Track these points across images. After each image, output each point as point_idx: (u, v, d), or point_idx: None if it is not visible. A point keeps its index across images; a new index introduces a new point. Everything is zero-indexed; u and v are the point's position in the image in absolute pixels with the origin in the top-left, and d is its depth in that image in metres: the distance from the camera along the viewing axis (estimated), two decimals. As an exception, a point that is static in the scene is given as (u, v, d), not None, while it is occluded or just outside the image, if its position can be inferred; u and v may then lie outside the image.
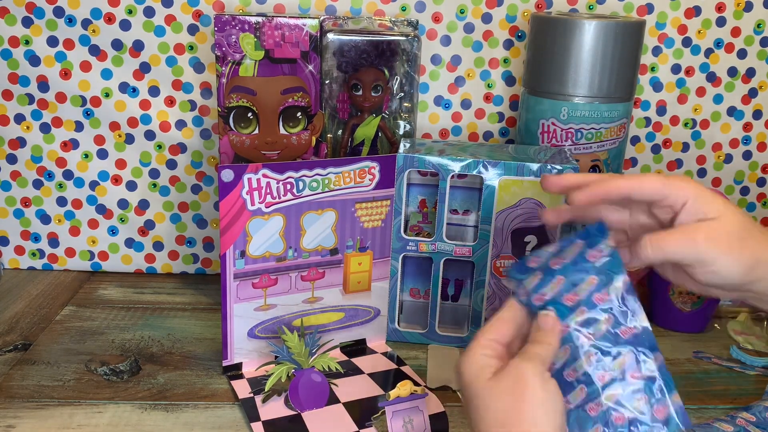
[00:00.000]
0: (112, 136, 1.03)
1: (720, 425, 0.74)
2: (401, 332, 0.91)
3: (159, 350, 0.87)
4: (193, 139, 1.03)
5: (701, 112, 1.08)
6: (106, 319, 0.94)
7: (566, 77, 0.90)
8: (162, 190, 1.05)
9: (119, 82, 1.01)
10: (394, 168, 0.84)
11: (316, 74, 0.91)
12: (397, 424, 0.70)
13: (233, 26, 0.87)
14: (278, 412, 0.74)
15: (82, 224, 1.06)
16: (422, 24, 1.01)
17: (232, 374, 0.81)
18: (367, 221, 0.84)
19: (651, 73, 1.06)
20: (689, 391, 0.82)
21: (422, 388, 0.71)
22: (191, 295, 1.03)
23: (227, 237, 0.78)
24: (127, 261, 1.08)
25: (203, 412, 0.75)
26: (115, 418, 0.73)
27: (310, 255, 0.83)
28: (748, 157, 1.11)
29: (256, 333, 0.82)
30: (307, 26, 0.89)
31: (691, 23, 1.04)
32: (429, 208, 0.95)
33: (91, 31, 0.99)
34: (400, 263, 0.88)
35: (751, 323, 0.98)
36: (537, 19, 0.93)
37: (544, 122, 0.93)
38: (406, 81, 0.93)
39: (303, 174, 0.79)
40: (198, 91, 1.02)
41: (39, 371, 0.81)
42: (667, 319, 0.97)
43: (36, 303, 0.98)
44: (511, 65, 1.05)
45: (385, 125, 0.94)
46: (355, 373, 0.82)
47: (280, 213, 0.79)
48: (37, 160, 1.03)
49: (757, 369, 0.88)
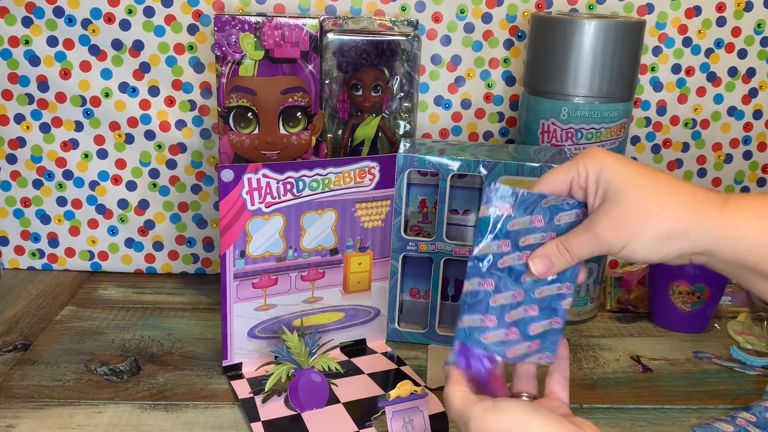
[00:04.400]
0: (112, 136, 1.03)
1: (720, 425, 0.74)
2: (401, 332, 0.91)
3: (159, 350, 0.87)
4: (193, 139, 1.03)
5: (701, 112, 1.08)
6: (106, 319, 0.94)
7: (566, 77, 0.90)
8: (162, 190, 1.05)
9: (119, 82, 1.01)
10: (394, 168, 0.84)
11: (316, 74, 0.91)
12: (397, 424, 0.70)
13: (233, 26, 0.87)
14: (278, 412, 0.74)
15: (82, 224, 1.06)
16: (422, 24, 1.01)
17: (232, 374, 0.81)
18: (367, 221, 0.84)
19: (651, 73, 1.06)
20: (689, 391, 0.82)
21: (422, 388, 0.71)
22: (191, 295, 1.03)
23: (227, 237, 0.77)
24: (127, 261, 1.08)
25: (203, 412, 0.75)
26: (115, 418, 0.73)
27: (310, 255, 0.83)
28: (748, 157, 1.11)
29: (256, 333, 0.82)
30: (307, 26, 0.89)
31: (692, 23, 1.04)
32: (429, 208, 0.95)
33: (91, 31, 0.99)
34: (400, 263, 0.88)
35: (751, 323, 0.98)
36: (537, 19, 0.93)
37: (544, 122, 0.92)
38: (406, 81, 0.93)
39: (303, 174, 0.79)
40: (198, 91, 1.02)
41: (39, 371, 0.81)
42: (667, 319, 0.97)
43: (36, 303, 0.98)
44: (511, 65, 1.04)
45: (385, 125, 0.94)
46: (355, 373, 0.82)
47: (280, 213, 0.79)
48: (37, 160, 1.03)
49: (757, 369, 0.88)
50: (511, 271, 0.58)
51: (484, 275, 0.58)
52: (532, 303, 0.58)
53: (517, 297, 0.58)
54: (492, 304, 0.58)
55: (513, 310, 0.58)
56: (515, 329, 0.58)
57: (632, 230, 0.53)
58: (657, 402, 0.80)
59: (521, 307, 0.58)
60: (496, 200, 0.58)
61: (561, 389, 0.59)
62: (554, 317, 0.58)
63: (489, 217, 0.58)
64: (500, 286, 0.58)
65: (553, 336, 0.58)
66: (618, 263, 1.13)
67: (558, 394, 0.58)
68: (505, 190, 0.57)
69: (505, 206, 0.58)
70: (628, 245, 0.54)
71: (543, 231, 0.58)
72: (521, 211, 0.57)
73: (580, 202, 0.57)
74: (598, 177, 0.55)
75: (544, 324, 0.58)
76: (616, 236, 0.54)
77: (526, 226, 0.58)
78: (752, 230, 0.52)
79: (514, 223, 0.58)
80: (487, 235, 0.58)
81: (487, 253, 0.58)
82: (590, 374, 0.85)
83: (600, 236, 0.54)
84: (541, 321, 0.58)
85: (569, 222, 0.57)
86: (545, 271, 0.57)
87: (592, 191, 0.56)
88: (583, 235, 0.55)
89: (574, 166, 0.56)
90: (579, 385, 0.83)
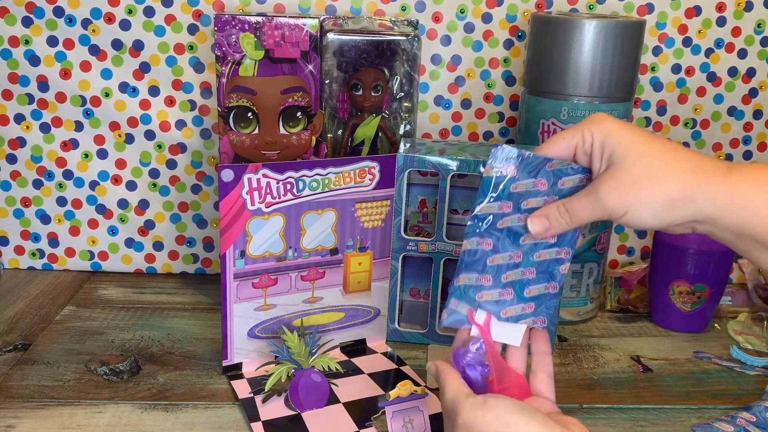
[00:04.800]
0: (112, 136, 1.03)
1: (720, 425, 0.74)
2: (401, 332, 0.91)
3: (159, 350, 0.87)
4: (193, 139, 1.03)
5: (701, 112, 1.08)
6: (106, 319, 0.94)
7: (566, 77, 0.90)
8: (162, 190, 1.05)
9: (119, 82, 1.01)
10: (394, 168, 0.84)
11: (316, 74, 0.91)
12: (397, 424, 0.70)
13: (233, 26, 0.87)
14: (278, 412, 0.74)
15: (82, 224, 1.06)
16: (422, 24, 1.01)
17: (232, 374, 0.81)
18: (367, 221, 0.84)
19: (651, 73, 1.06)
20: (689, 391, 0.82)
21: (422, 388, 0.71)
22: (191, 295, 1.03)
23: (227, 237, 0.77)
24: (127, 261, 1.08)
25: (203, 412, 0.75)
26: (115, 418, 0.73)
27: (310, 255, 0.83)
28: (748, 157, 1.11)
29: (256, 333, 0.82)
30: (307, 26, 0.89)
31: (692, 23, 1.04)
32: (429, 208, 0.95)
33: (91, 31, 0.99)
34: (400, 263, 0.88)
35: (751, 323, 0.98)
36: (537, 19, 0.93)
37: (544, 122, 0.92)
38: (406, 81, 0.93)
39: (303, 174, 0.79)
40: (198, 91, 1.02)
41: (39, 371, 0.81)
42: (667, 319, 0.97)
43: (36, 303, 0.98)
44: (511, 65, 1.04)
45: (385, 125, 0.94)
46: (355, 373, 0.82)
47: (280, 213, 0.79)
48: (37, 160, 1.03)
49: (757, 369, 0.88)
50: (510, 232, 0.58)
51: (483, 235, 0.58)
52: (530, 266, 0.58)
53: (515, 258, 0.58)
54: (489, 263, 0.58)
55: (510, 270, 0.58)
56: (510, 290, 0.58)
57: (635, 194, 0.53)
58: (657, 402, 0.80)
59: (519, 269, 0.58)
60: (501, 161, 0.57)
61: (546, 388, 0.58)
62: (551, 281, 0.58)
63: (492, 177, 0.58)
64: (498, 247, 0.58)
65: (549, 301, 0.58)
66: (618, 263, 1.13)
67: (544, 392, 0.58)
68: (510, 151, 0.57)
69: (509, 167, 0.57)
70: (630, 210, 0.53)
71: (546, 195, 0.58)
72: (525, 173, 0.57)
73: (584, 168, 0.57)
74: (604, 142, 0.55)
75: (540, 287, 0.58)
76: (619, 200, 0.53)
77: (529, 188, 0.57)
78: (756, 198, 0.52)
79: (517, 185, 0.57)
80: (489, 195, 0.58)
81: (488, 213, 0.58)
82: (590, 374, 0.85)
83: (602, 199, 0.54)
84: (537, 284, 0.58)
85: (572, 187, 0.57)
86: (543, 231, 0.57)
87: (598, 156, 0.55)
88: (585, 198, 0.55)
89: (579, 132, 0.56)
90: (579, 385, 0.83)
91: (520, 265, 0.58)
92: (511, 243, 0.58)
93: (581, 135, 0.56)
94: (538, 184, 0.58)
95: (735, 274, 1.11)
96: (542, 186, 0.58)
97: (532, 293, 0.58)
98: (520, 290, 0.58)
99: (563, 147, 0.57)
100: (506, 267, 0.58)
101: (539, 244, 0.58)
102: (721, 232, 0.54)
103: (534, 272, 0.58)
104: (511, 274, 0.58)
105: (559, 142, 0.57)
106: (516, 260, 0.58)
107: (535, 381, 0.59)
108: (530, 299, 0.58)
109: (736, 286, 1.10)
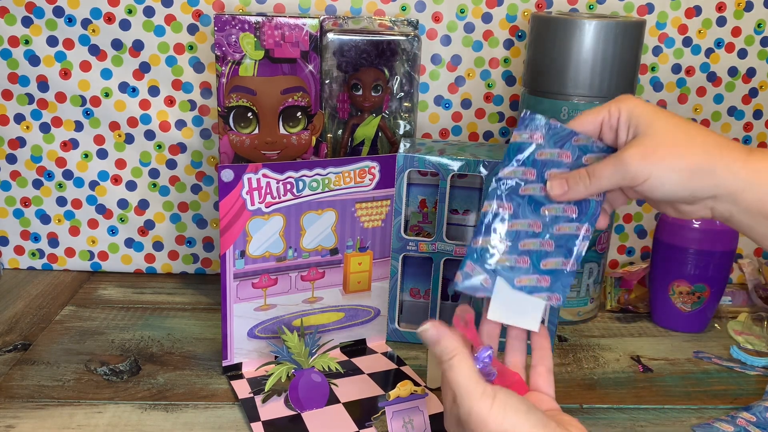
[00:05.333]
0: (112, 136, 1.03)
1: (720, 425, 0.74)
2: (401, 332, 0.91)
3: (159, 350, 0.87)
4: (193, 139, 1.03)
5: (701, 111, 1.08)
6: (106, 319, 0.94)
7: (566, 77, 0.90)
8: (162, 190, 1.05)
9: (119, 81, 1.01)
10: (394, 168, 0.84)
11: (316, 74, 0.91)
12: (397, 424, 0.70)
13: (233, 26, 0.87)
14: (278, 412, 0.74)
15: (82, 224, 1.06)
16: (422, 24, 1.01)
17: (232, 374, 0.81)
18: (367, 221, 0.84)
19: (651, 73, 1.06)
20: (689, 391, 0.82)
21: (422, 388, 0.71)
22: (191, 295, 1.03)
23: (227, 237, 0.77)
24: (126, 261, 1.08)
25: (203, 412, 0.75)
26: (114, 418, 0.73)
27: (310, 255, 0.83)
28: (748, 157, 1.11)
29: (256, 333, 0.82)
30: (307, 26, 0.89)
31: (692, 23, 1.04)
32: (429, 208, 0.95)
33: (90, 31, 0.99)
34: (400, 263, 0.88)
35: (751, 323, 0.98)
36: (537, 19, 0.93)
37: (544, 122, 0.92)
38: (406, 81, 0.93)
39: (303, 174, 0.79)
40: (198, 90, 1.02)
41: (39, 371, 0.81)
42: (667, 319, 0.97)
43: (36, 303, 0.98)
44: (511, 65, 1.04)
45: (385, 125, 0.94)
46: (355, 373, 0.82)
47: (280, 213, 0.79)
48: (36, 160, 1.03)
49: (757, 369, 0.88)
50: (531, 200, 0.58)
51: (504, 199, 0.58)
52: (550, 238, 0.58)
53: (534, 227, 0.58)
54: (508, 228, 0.58)
55: (528, 239, 0.58)
56: (527, 258, 0.58)
57: (660, 159, 0.53)
58: (657, 402, 0.80)
59: (537, 239, 0.58)
60: (529, 128, 0.58)
61: (546, 383, 0.58)
62: (569, 258, 0.58)
63: (518, 143, 0.58)
64: (518, 213, 0.58)
65: (566, 279, 0.58)
66: (618, 263, 1.13)
67: (543, 388, 0.58)
68: (539, 119, 0.58)
69: (536, 134, 0.58)
70: (654, 175, 0.54)
71: (568, 167, 0.58)
72: (551, 143, 0.58)
73: (609, 146, 0.58)
74: (630, 116, 0.56)
75: (558, 261, 0.58)
76: (642, 163, 0.54)
77: (553, 158, 0.58)
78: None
79: (542, 152, 0.58)
80: (514, 160, 0.58)
81: (512, 177, 0.58)
82: (590, 374, 0.85)
83: (625, 161, 0.54)
84: (555, 258, 0.58)
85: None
86: (561, 193, 0.57)
87: (624, 129, 0.56)
88: (608, 162, 0.56)
89: (605, 108, 0.57)
90: (579, 385, 0.83)
91: (539, 235, 0.58)
92: (531, 211, 0.58)
93: (608, 110, 0.57)
94: (563, 156, 0.58)
95: (735, 274, 1.11)
96: (566, 158, 0.58)
97: (549, 266, 0.58)
98: (536, 261, 0.58)
99: (590, 121, 0.58)
100: (525, 234, 0.58)
101: (560, 217, 0.58)
102: (740, 214, 0.54)
103: (552, 245, 0.58)
104: (528, 243, 0.58)
105: (587, 116, 0.58)
106: (535, 229, 0.58)
107: (534, 376, 0.59)
108: (546, 272, 0.58)
109: (736, 286, 1.10)
